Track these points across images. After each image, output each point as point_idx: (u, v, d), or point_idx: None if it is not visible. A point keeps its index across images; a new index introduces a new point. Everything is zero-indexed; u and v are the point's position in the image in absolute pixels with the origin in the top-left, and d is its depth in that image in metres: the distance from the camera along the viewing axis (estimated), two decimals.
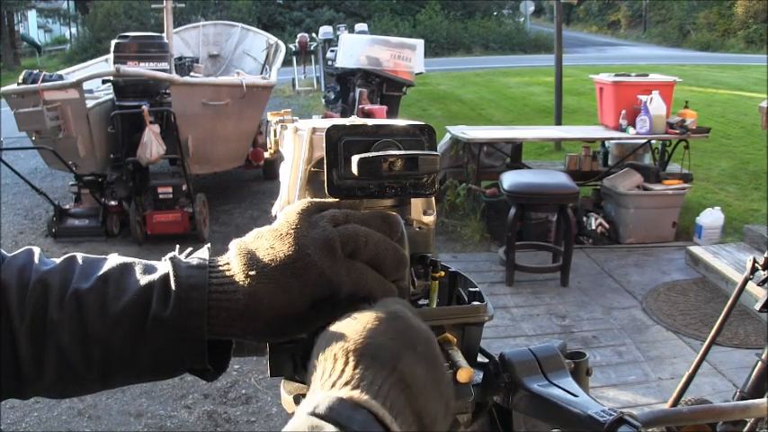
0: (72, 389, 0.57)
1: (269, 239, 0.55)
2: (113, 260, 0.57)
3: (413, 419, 0.44)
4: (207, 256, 0.57)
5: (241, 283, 0.53)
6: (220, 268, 0.55)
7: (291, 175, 0.68)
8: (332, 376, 0.44)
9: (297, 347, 0.60)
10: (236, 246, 0.56)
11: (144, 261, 0.57)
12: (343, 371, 0.44)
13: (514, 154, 6.34)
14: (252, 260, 0.54)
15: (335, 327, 0.48)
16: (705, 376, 3.34)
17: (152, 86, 5.58)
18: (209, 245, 0.59)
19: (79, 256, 0.58)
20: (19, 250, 0.58)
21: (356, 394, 0.42)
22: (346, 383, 0.43)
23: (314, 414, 0.40)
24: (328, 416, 0.40)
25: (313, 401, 0.41)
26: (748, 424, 1.88)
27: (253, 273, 0.53)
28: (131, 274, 0.55)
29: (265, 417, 3.22)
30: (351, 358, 0.44)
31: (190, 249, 0.60)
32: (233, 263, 0.54)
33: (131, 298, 0.54)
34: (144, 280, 0.54)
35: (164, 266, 0.56)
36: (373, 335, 0.46)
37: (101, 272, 0.56)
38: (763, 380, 2.00)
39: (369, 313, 0.48)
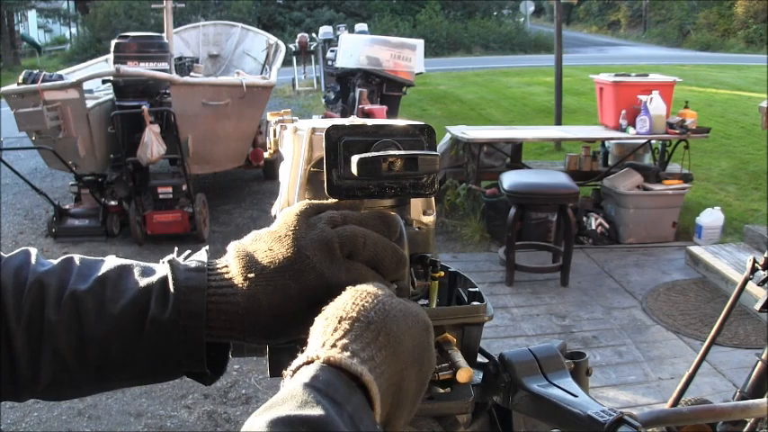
0: (68, 391, 0.56)
1: (267, 241, 0.54)
2: (111, 262, 0.57)
3: (390, 385, 0.46)
4: (205, 259, 0.56)
5: (240, 285, 0.53)
6: (219, 271, 0.55)
7: (291, 175, 0.68)
8: (325, 336, 0.46)
9: (296, 348, 0.60)
10: (234, 248, 0.55)
11: (142, 263, 0.57)
12: (334, 332, 0.46)
13: (514, 154, 6.33)
14: (250, 262, 0.53)
15: (339, 298, 0.50)
16: (705, 376, 3.34)
17: (152, 86, 5.58)
18: (207, 247, 0.59)
19: (76, 258, 0.57)
20: (15, 251, 0.58)
21: (343, 357, 0.44)
22: (333, 345, 0.45)
23: (307, 384, 0.42)
24: (315, 385, 0.42)
25: (303, 367, 0.44)
26: (748, 424, 1.88)
27: (251, 275, 0.53)
28: (129, 276, 0.55)
29: None
30: (345, 323, 0.47)
31: (188, 252, 0.60)
32: (231, 265, 0.54)
33: (129, 300, 0.53)
34: (142, 282, 0.54)
35: (162, 269, 0.55)
36: (368, 305, 0.48)
37: (98, 273, 0.55)
38: (763, 380, 2.00)
39: (369, 286, 0.50)
